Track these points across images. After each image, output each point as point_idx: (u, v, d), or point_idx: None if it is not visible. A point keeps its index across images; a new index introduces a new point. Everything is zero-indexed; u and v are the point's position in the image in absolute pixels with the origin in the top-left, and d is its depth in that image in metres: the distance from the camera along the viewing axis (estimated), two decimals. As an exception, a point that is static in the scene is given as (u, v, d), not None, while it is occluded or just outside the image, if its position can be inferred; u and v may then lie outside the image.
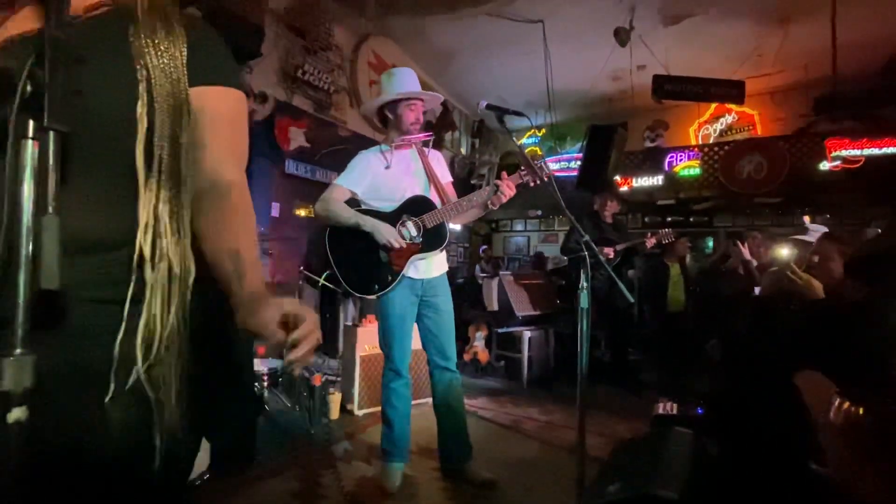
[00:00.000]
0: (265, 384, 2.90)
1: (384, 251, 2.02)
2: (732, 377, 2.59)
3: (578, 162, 6.48)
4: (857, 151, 6.40)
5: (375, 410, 3.05)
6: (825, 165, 6.60)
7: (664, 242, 4.10)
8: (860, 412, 0.92)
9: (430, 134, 2.21)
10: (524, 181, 2.04)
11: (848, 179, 6.43)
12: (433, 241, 2.06)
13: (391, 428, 2.12)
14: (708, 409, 2.48)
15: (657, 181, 7.72)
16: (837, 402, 0.96)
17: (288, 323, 0.64)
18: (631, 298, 1.76)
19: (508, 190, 2.00)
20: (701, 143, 8.02)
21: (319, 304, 4.60)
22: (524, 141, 8.71)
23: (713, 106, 7.83)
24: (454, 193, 2.21)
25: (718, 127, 8.05)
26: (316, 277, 3.73)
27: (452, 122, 7.44)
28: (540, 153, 8.40)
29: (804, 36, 5.66)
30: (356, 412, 3.04)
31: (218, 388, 0.73)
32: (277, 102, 4.59)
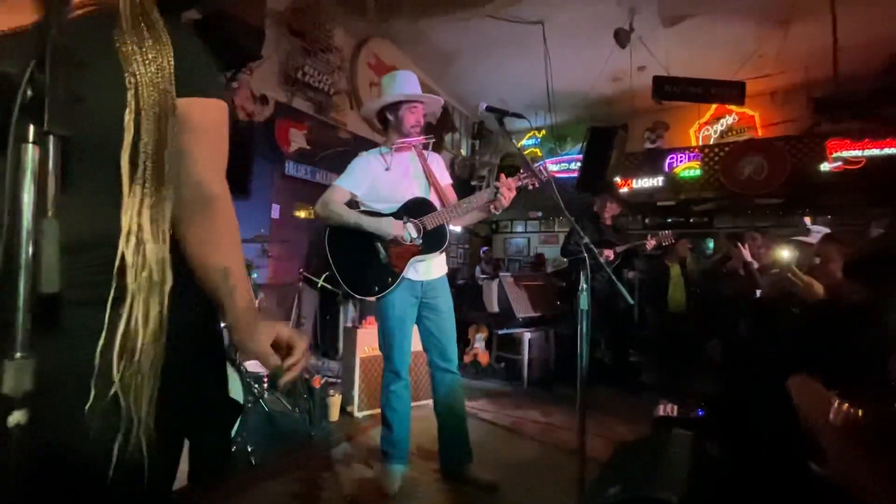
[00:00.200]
0: (265, 386, 2.90)
1: (384, 252, 2.02)
2: (733, 379, 2.59)
3: (578, 163, 6.49)
4: (858, 152, 6.40)
5: (375, 412, 3.05)
6: (826, 166, 6.59)
7: (664, 244, 4.10)
8: (860, 413, 0.92)
9: (430, 137, 2.21)
10: (524, 183, 2.04)
11: (849, 180, 6.43)
12: (433, 242, 2.07)
13: (391, 430, 2.12)
14: (709, 410, 2.48)
15: (657, 182, 7.71)
16: (837, 403, 0.96)
17: (280, 345, 0.71)
18: (631, 300, 1.76)
19: (508, 192, 1.99)
20: (701, 144, 8.02)
21: (319, 305, 4.60)
22: (524, 142, 8.71)
23: (713, 107, 7.83)
24: (454, 196, 2.21)
25: (719, 128, 8.04)
26: (316, 279, 3.73)
27: (452, 123, 7.45)
28: (540, 154, 8.40)
29: (804, 37, 5.66)
30: (356, 414, 3.04)
31: (194, 393, 0.73)
32: (277, 104, 4.60)
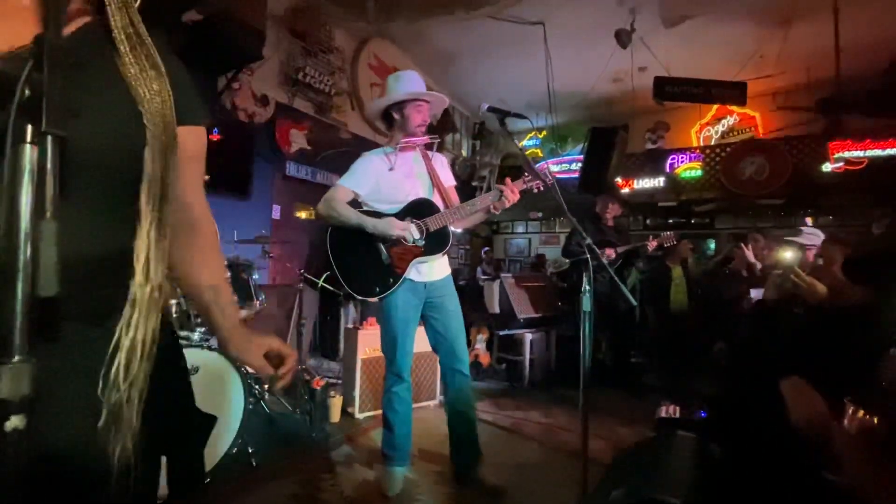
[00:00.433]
0: (265, 387, 2.89)
1: (386, 253, 2.01)
2: (736, 380, 2.58)
3: (579, 164, 6.48)
4: (859, 153, 6.39)
5: (376, 413, 3.04)
6: (828, 167, 6.58)
7: (666, 245, 4.09)
8: (874, 420, 0.90)
9: (434, 137, 2.19)
10: (528, 186, 2.02)
11: (851, 181, 6.42)
12: (436, 244, 2.05)
13: (392, 432, 2.11)
14: (711, 412, 2.47)
15: (658, 183, 7.71)
16: (851, 409, 0.95)
17: (272, 356, 0.79)
18: (633, 301, 1.75)
19: (512, 195, 1.98)
20: (702, 144, 8.01)
21: (320, 306, 4.59)
22: (525, 143, 8.70)
23: (714, 107, 7.82)
24: (457, 197, 2.20)
25: (720, 128, 8.03)
26: (316, 280, 3.72)
27: (453, 124, 7.44)
28: (541, 155, 8.39)
29: (806, 37, 5.65)
30: (357, 415, 3.03)
31: (168, 406, 0.74)
32: (278, 105, 4.60)
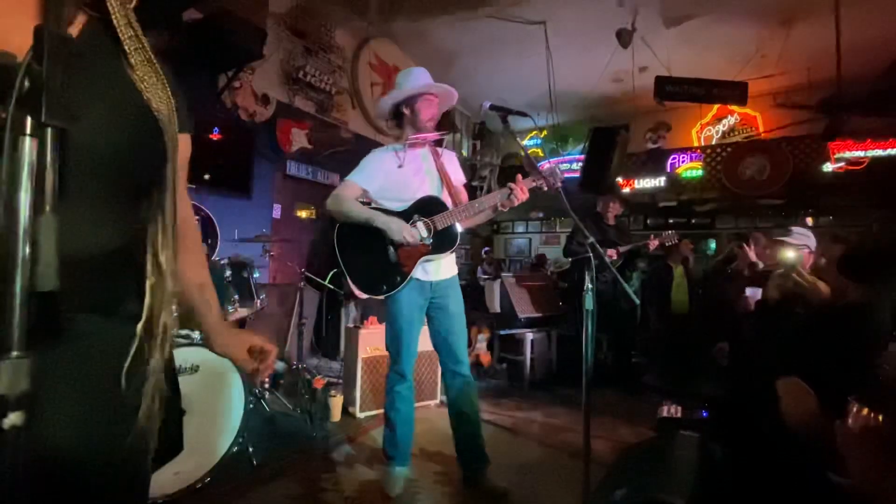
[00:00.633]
0: (266, 386, 2.89)
1: (393, 251, 1.99)
2: (738, 380, 2.57)
3: (580, 164, 6.47)
4: (860, 153, 6.38)
5: (377, 413, 3.03)
6: (828, 167, 6.57)
7: (667, 244, 4.09)
8: (879, 418, 0.89)
9: (443, 132, 2.17)
10: (538, 185, 1.99)
11: (851, 181, 6.41)
12: (443, 242, 2.03)
13: (394, 431, 2.10)
14: (713, 411, 2.47)
15: (659, 183, 7.70)
16: (856, 407, 0.94)
17: (253, 352, 0.85)
18: (636, 300, 1.74)
19: (522, 194, 1.95)
20: (703, 144, 8.00)
21: (320, 305, 4.58)
22: (525, 142, 8.69)
23: (715, 107, 7.80)
24: (466, 195, 2.17)
25: (721, 128, 8.02)
26: (317, 279, 3.72)
27: (454, 123, 7.43)
28: (542, 155, 8.38)
29: (807, 37, 5.64)
30: (358, 415, 3.03)
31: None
32: (279, 104, 4.59)
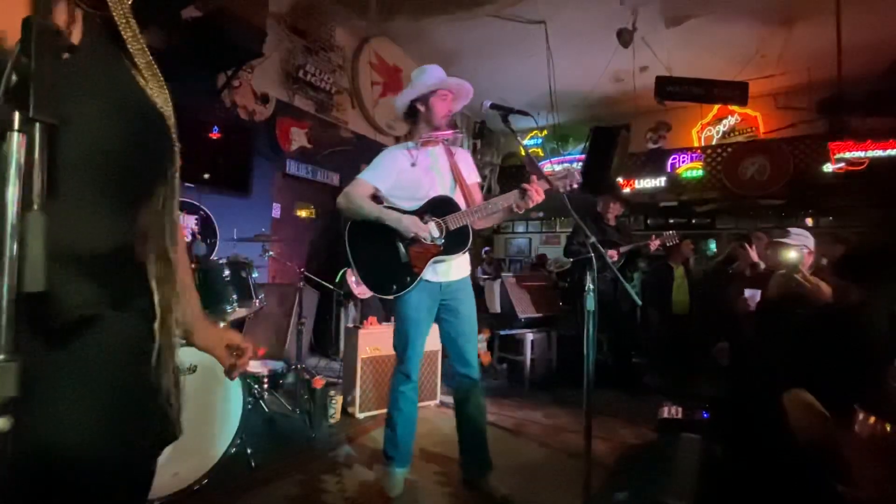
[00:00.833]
0: (265, 386, 2.87)
1: (404, 250, 1.97)
2: (739, 381, 2.56)
3: (581, 164, 6.45)
4: (860, 154, 6.37)
5: (377, 413, 3.02)
6: (829, 168, 6.57)
7: (668, 244, 4.07)
8: (886, 427, 0.88)
9: (457, 131, 2.13)
10: (553, 187, 1.93)
11: (852, 182, 6.40)
12: (455, 243, 1.99)
13: (395, 432, 2.07)
14: (714, 413, 2.45)
15: (659, 183, 7.70)
16: (862, 415, 0.92)
17: (231, 348, 0.89)
18: (639, 301, 1.73)
19: (537, 195, 1.89)
20: (704, 144, 7.99)
21: (318, 305, 4.57)
22: (526, 142, 8.68)
23: (716, 108, 7.80)
24: (480, 195, 2.13)
25: (721, 129, 8.01)
26: (316, 279, 3.71)
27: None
28: (542, 155, 8.37)
29: (807, 38, 5.63)
30: (357, 415, 3.01)
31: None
32: (279, 103, 4.57)
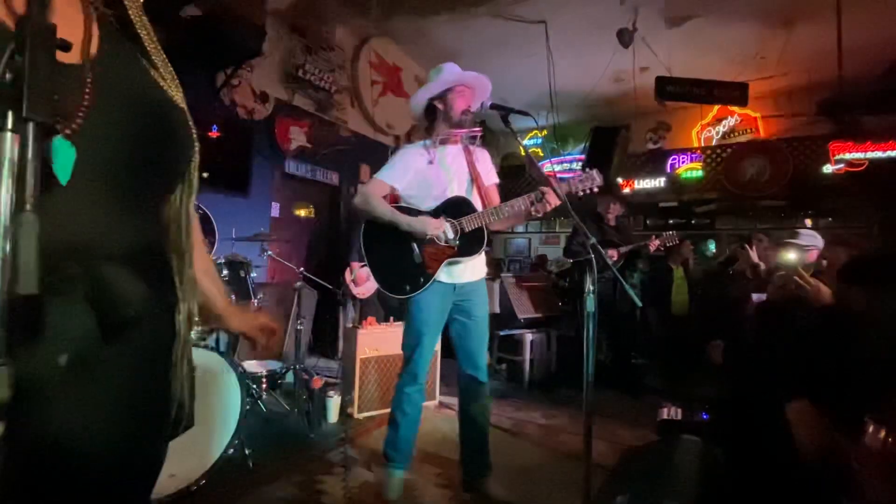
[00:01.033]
0: (263, 386, 2.86)
1: (418, 251, 1.95)
2: (739, 382, 2.55)
3: (580, 164, 6.46)
4: (860, 154, 6.37)
5: (376, 413, 3.02)
6: (829, 168, 6.56)
7: (668, 245, 4.07)
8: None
9: (478, 129, 2.10)
10: (574, 191, 1.90)
11: (852, 183, 6.40)
12: (469, 245, 1.97)
13: (397, 432, 2.06)
14: (713, 414, 2.45)
15: (659, 183, 7.69)
16: (872, 428, 0.91)
17: (263, 328, 0.93)
18: (638, 302, 1.72)
19: (553, 198, 1.86)
20: (703, 145, 7.98)
21: (317, 305, 4.56)
22: (525, 142, 8.66)
23: (716, 108, 7.78)
24: (498, 196, 2.10)
25: (721, 129, 8.00)
26: (315, 278, 3.70)
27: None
28: (542, 155, 8.37)
29: (808, 38, 5.62)
30: (356, 415, 3.00)
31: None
32: (278, 102, 4.56)
